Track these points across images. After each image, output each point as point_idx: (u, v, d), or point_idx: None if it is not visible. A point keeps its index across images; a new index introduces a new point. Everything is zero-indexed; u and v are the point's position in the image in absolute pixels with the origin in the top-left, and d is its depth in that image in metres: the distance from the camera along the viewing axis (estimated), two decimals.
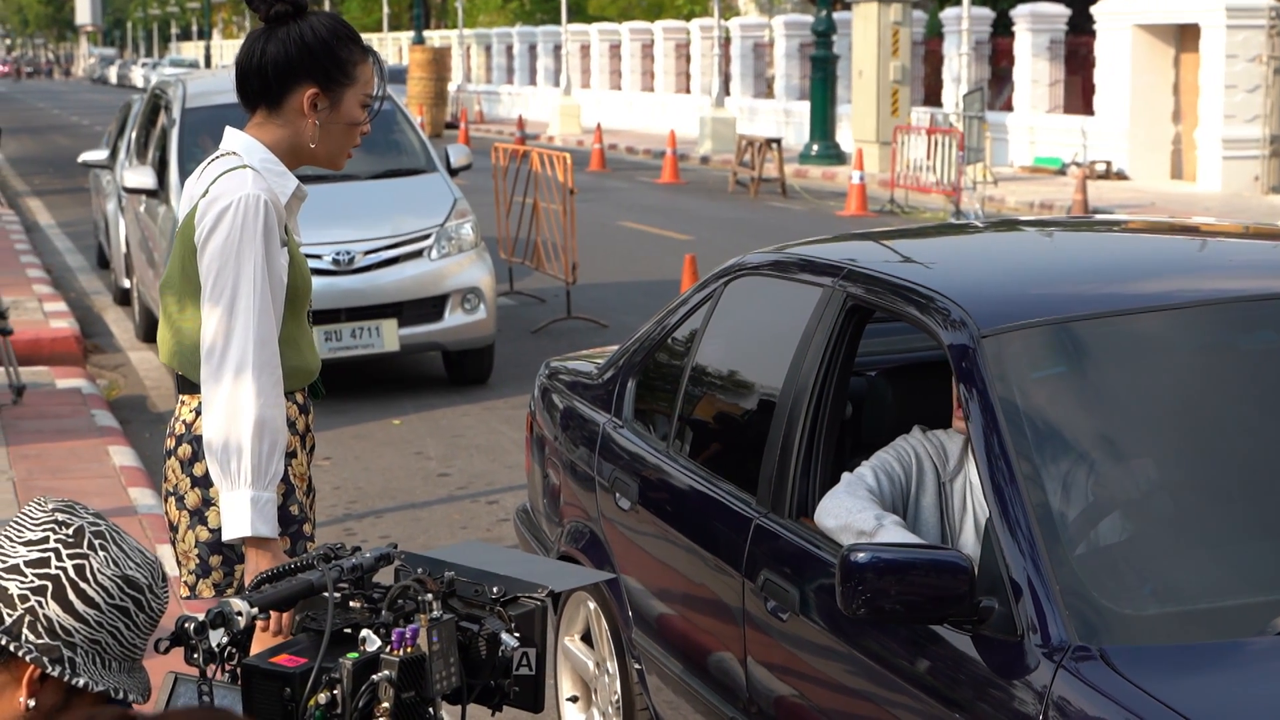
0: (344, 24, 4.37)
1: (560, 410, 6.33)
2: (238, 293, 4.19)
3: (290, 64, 4.29)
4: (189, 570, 4.39)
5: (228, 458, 4.17)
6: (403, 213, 12.84)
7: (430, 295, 12.63)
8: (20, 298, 15.76)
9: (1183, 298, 4.54)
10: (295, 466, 4.40)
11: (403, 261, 12.58)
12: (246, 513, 4.16)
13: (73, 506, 2.71)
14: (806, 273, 5.13)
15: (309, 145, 4.34)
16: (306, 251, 11.31)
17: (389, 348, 12.42)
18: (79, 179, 25.62)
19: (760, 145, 29.45)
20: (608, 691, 5.74)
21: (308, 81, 4.29)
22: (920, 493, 4.63)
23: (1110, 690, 3.56)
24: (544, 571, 3.16)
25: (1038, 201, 26.21)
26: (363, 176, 13.12)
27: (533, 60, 57.58)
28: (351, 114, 4.34)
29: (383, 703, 2.83)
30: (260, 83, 4.33)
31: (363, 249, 12.42)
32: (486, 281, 12.88)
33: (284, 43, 4.29)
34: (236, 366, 4.17)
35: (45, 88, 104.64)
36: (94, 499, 9.06)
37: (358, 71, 4.34)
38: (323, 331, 11.99)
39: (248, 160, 4.29)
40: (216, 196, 4.24)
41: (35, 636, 2.62)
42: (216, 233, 4.21)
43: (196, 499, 4.36)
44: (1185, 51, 28.76)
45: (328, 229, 12.29)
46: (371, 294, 12.37)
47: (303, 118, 4.32)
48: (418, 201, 13.06)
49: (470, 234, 12.96)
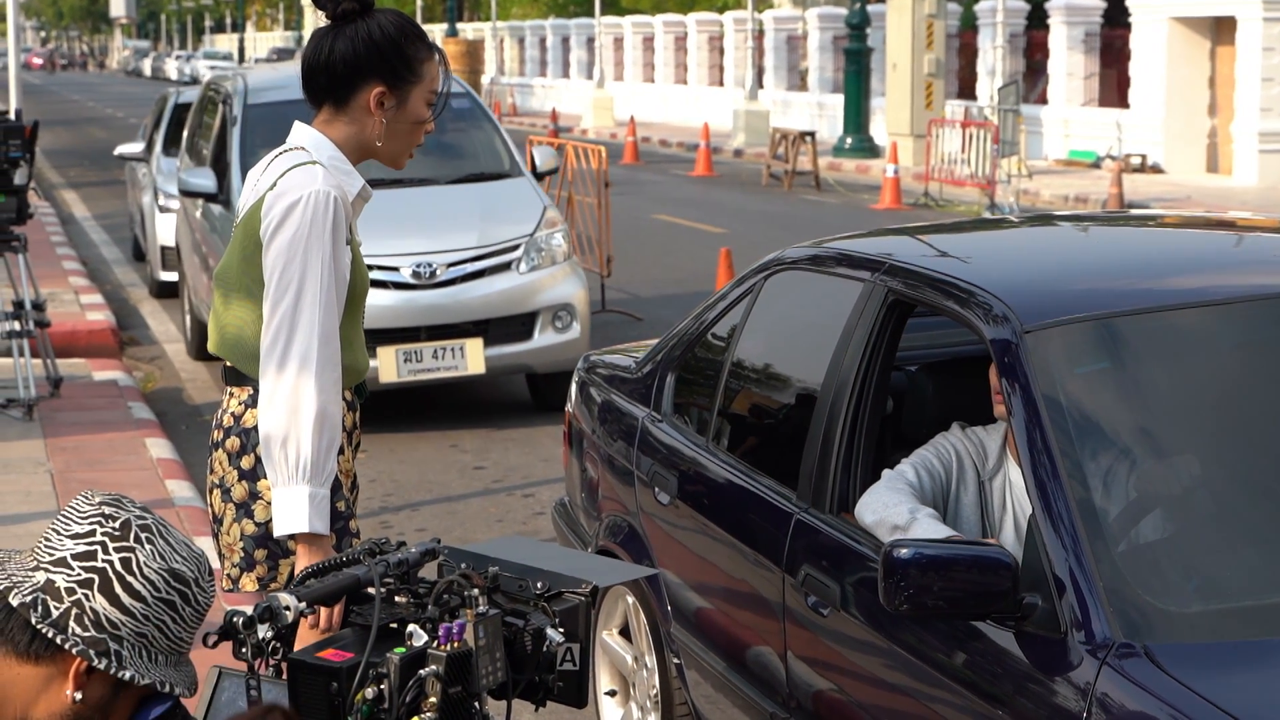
0: (410, 22, 4.36)
1: (598, 404, 6.33)
2: (304, 288, 4.18)
3: (358, 61, 4.28)
4: (232, 563, 4.40)
5: (286, 452, 4.16)
6: (489, 221, 11.77)
7: (519, 312, 11.53)
8: (57, 290, 15.81)
9: (1224, 293, 4.52)
10: (342, 463, 4.40)
11: (489, 275, 11.49)
12: (304, 508, 4.16)
13: (120, 500, 2.72)
14: (846, 267, 5.12)
15: (374, 143, 4.35)
16: (383, 263, 10.92)
17: (474, 370, 11.36)
18: (114, 171, 25.68)
19: (794, 138, 29.42)
20: (646, 686, 5.74)
21: (375, 79, 4.29)
22: (961, 490, 4.62)
23: (1155, 687, 3.55)
24: (587, 567, 3.16)
25: (1072, 195, 26.13)
26: (442, 181, 12.27)
27: (566, 53, 57.61)
28: (417, 112, 4.35)
29: (430, 697, 2.83)
30: (328, 80, 4.33)
31: (446, 261, 11.35)
32: (580, 297, 11.83)
33: (352, 40, 4.29)
34: (300, 361, 4.16)
35: (80, 80, 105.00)
36: (131, 491, 9.06)
37: (424, 69, 4.33)
38: (401, 352, 11.13)
39: (316, 156, 4.29)
40: (285, 190, 4.23)
41: (82, 629, 2.63)
42: (285, 227, 4.21)
43: (243, 492, 4.36)
44: (1221, 44, 28.64)
45: (406, 238, 11.36)
46: (455, 311, 11.30)
47: (369, 115, 4.32)
48: (504, 209, 12.00)
49: (562, 244, 11.92)
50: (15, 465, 9.90)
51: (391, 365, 11.13)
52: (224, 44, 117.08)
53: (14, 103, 17.73)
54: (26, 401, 11.02)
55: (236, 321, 4.36)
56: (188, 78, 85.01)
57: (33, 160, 11.25)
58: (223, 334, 4.41)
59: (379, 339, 10.88)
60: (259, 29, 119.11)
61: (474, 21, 72.17)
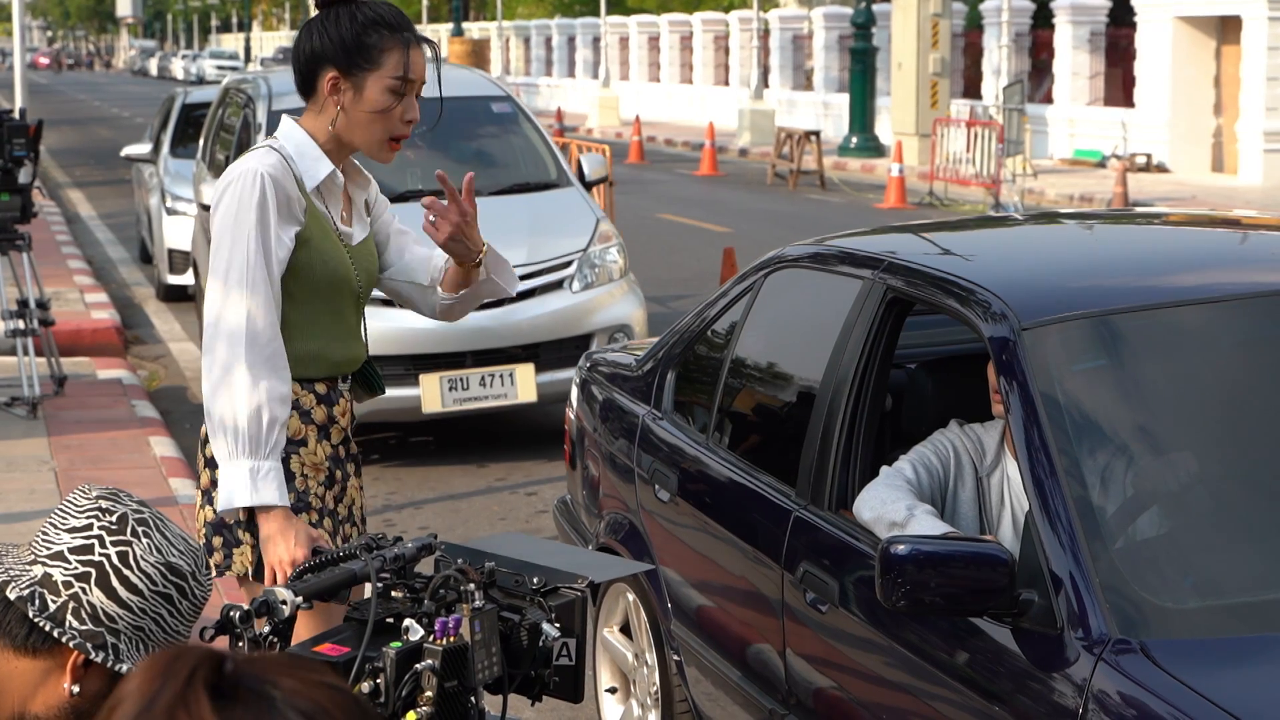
0: (389, 12, 4.34)
1: (600, 402, 6.34)
2: (231, 265, 4.22)
3: (315, 50, 4.32)
4: None
5: (225, 429, 4.18)
6: (538, 235, 10.80)
7: (573, 335, 10.58)
8: (61, 289, 15.84)
9: (1223, 291, 4.52)
10: (305, 455, 4.40)
11: (540, 294, 10.55)
12: (245, 482, 4.17)
13: (117, 494, 2.73)
14: (846, 265, 5.13)
15: (346, 132, 4.34)
16: None
17: (525, 398, 10.39)
18: (120, 170, 25.73)
19: (799, 137, 29.43)
20: (646, 683, 5.75)
21: (328, 65, 4.30)
22: (959, 487, 4.63)
23: (1151, 683, 3.56)
24: (583, 562, 3.17)
25: (1077, 194, 26.14)
26: (485, 192, 10.84)
27: (571, 52, 57.64)
28: (376, 100, 4.31)
29: (426, 691, 2.84)
30: (296, 70, 4.39)
31: None
32: (638, 317, 10.93)
33: (320, 29, 4.32)
34: (229, 338, 4.19)
35: (86, 80, 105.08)
36: (134, 489, 9.00)
37: (383, 57, 4.29)
38: (445, 380, 10.25)
39: (281, 144, 4.32)
40: (228, 173, 4.30)
41: (79, 623, 2.64)
42: (219, 208, 4.26)
43: (207, 479, 4.40)
44: (1227, 44, 28.64)
45: None
46: (504, 334, 10.29)
47: (330, 103, 4.33)
48: (554, 222, 11.08)
49: (618, 260, 11.02)
50: (19, 463, 9.92)
51: (435, 394, 10.27)
52: (230, 43, 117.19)
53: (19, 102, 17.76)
54: (31, 400, 11.04)
55: None
56: (194, 77, 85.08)
57: (37, 159, 11.27)
58: None
59: (420, 365, 10.25)
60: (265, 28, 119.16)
61: (480, 21, 72.20)
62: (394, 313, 9.48)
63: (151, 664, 1.51)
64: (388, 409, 9.99)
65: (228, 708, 1.47)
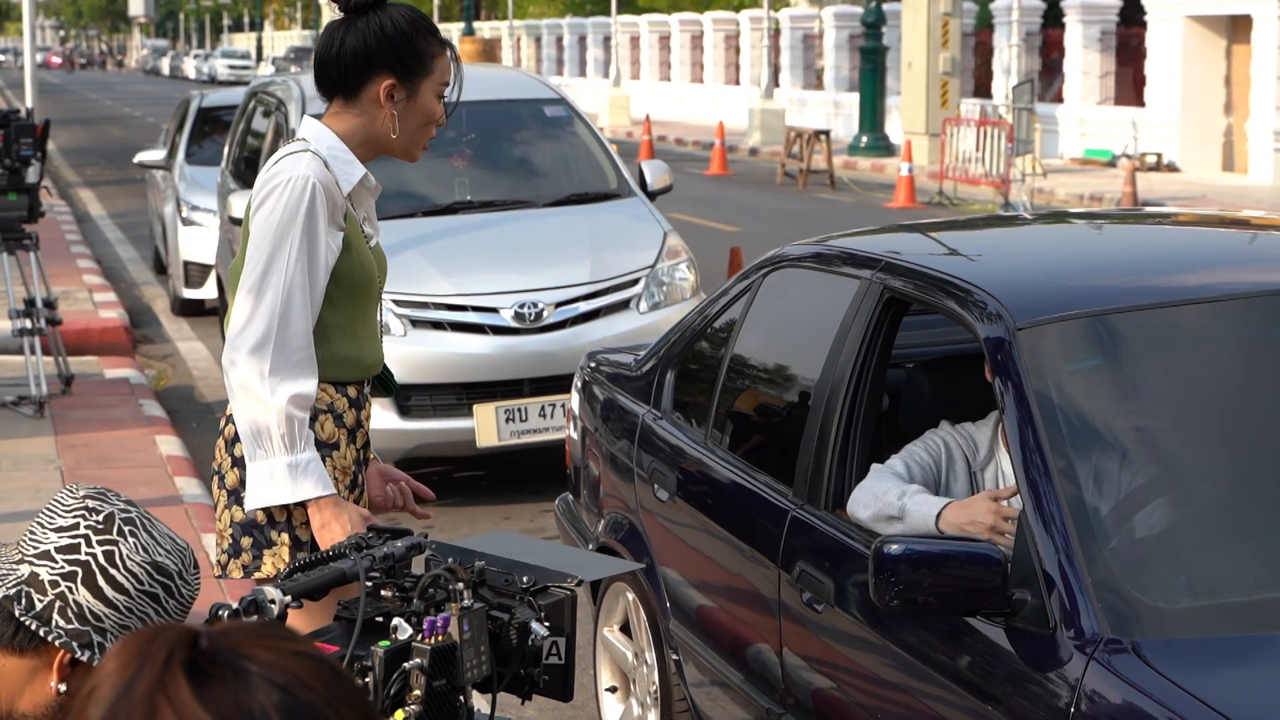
0: (423, 16, 4.41)
1: (601, 402, 6.35)
2: (271, 268, 4.22)
3: (369, 54, 4.33)
4: (221, 549, 4.42)
5: (258, 435, 4.20)
6: (601, 251, 9.89)
7: None
8: (70, 288, 15.87)
9: (1220, 290, 4.53)
10: (337, 458, 4.41)
11: (605, 315, 9.65)
12: (285, 478, 4.19)
13: (104, 493, 2.74)
14: (845, 265, 5.14)
15: (388, 136, 4.38)
16: (478, 303, 9.40)
17: None
18: (131, 170, 25.70)
19: (809, 137, 29.42)
20: (646, 682, 5.76)
21: (385, 72, 4.33)
22: (952, 481, 4.64)
23: (1142, 683, 3.56)
24: (573, 561, 3.17)
25: (1087, 194, 26.12)
26: (540, 203, 10.47)
27: (582, 52, 57.65)
28: (428, 105, 4.37)
29: (414, 690, 2.85)
30: (338, 72, 4.37)
31: (554, 300, 9.48)
32: None
33: (363, 33, 4.33)
34: (256, 345, 4.20)
35: (98, 79, 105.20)
36: (140, 488, 9.13)
37: (435, 64, 4.37)
38: (502, 410, 9.31)
39: (315, 146, 4.33)
40: (271, 175, 4.28)
41: (65, 622, 2.65)
42: (262, 209, 4.25)
43: (235, 479, 4.37)
44: (1237, 43, 28.61)
45: (503, 273, 9.62)
46: (566, 359, 9.10)
47: (379, 108, 4.36)
48: (618, 235, 10.16)
49: (688, 277, 10.12)
50: (26, 462, 9.94)
51: (491, 426, 9.35)
52: (242, 43, 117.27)
53: (29, 101, 17.80)
54: (38, 399, 11.06)
55: None
56: (206, 76, 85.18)
57: (44, 159, 11.29)
58: None
59: (474, 394, 9.36)
60: (277, 28, 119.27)
61: (491, 20, 72.24)
62: (444, 336, 9.36)
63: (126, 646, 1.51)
64: (439, 443, 9.45)
65: (206, 686, 1.47)
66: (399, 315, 9.43)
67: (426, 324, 9.48)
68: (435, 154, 10.48)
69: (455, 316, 9.49)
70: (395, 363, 8.73)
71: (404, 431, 9.38)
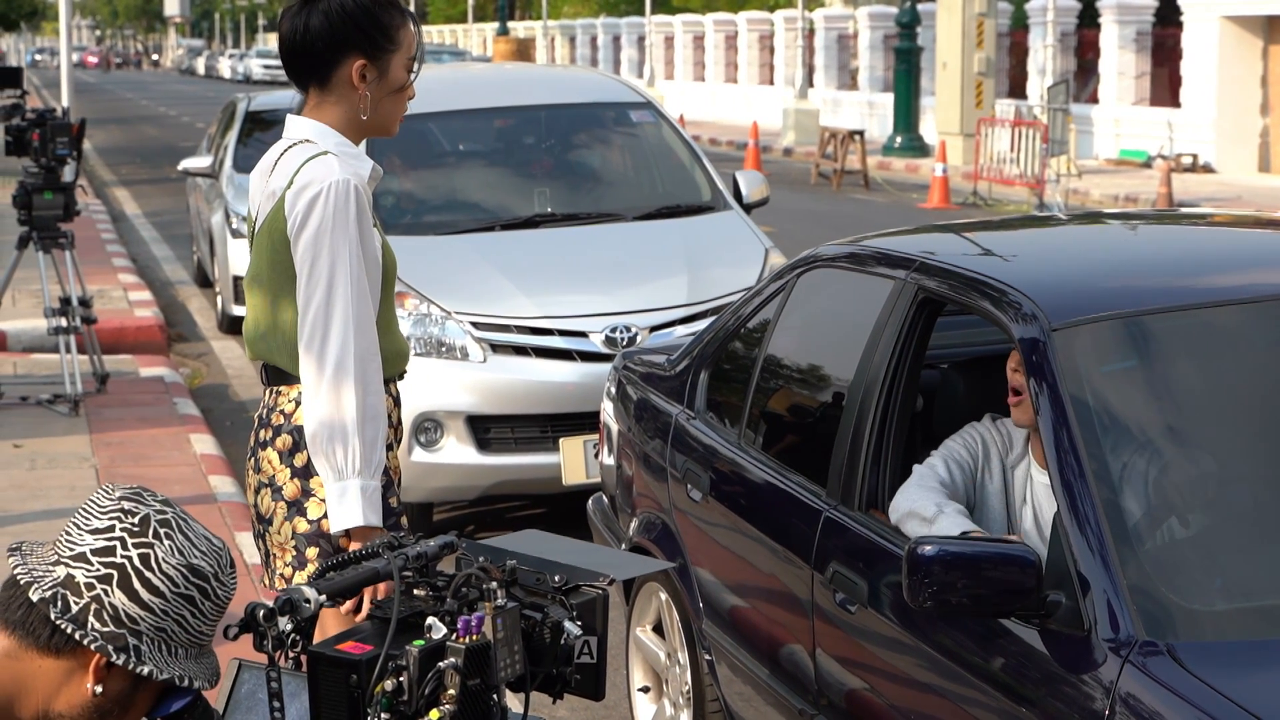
0: None
1: (634, 401, 6.35)
2: (335, 280, 4.17)
3: (335, 36, 4.24)
4: (285, 562, 4.35)
5: (333, 448, 4.14)
6: (699, 269, 9.07)
7: None
8: (105, 287, 15.91)
9: (1255, 291, 4.50)
10: (391, 459, 4.38)
11: None
12: (357, 502, 4.14)
13: (140, 494, 2.74)
14: (879, 265, 5.13)
15: (360, 118, 4.31)
16: (565, 327, 8.51)
17: None
18: (166, 169, 25.80)
19: (843, 137, 29.38)
20: (679, 682, 5.76)
21: (355, 53, 4.25)
22: (986, 478, 4.64)
23: (1177, 686, 3.54)
24: (605, 560, 3.17)
25: (1122, 194, 26.03)
26: (628, 216, 9.67)
27: (617, 51, 57.65)
28: (398, 79, 4.31)
29: (448, 689, 2.84)
30: (309, 60, 4.30)
31: (648, 323, 8.63)
32: None
33: (326, 15, 4.24)
34: (338, 355, 4.15)
35: (134, 79, 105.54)
36: (175, 487, 9.15)
37: (400, 35, 4.29)
38: (591, 444, 8.38)
39: (325, 145, 4.28)
40: (305, 185, 4.21)
41: (101, 625, 2.65)
42: (309, 221, 4.19)
43: (296, 490, 4.32)
44: (1274, 43, 28.49)
45: (593, 294, 8.85)
46: None
47: (353, 90, 4.28)
48: (716, 252, 9.34)
49: None
50: (61, 460, 9.97)
51: (579, 461, 8.47)
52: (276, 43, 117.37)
53: (65, 100, 17.87)
54: (73, 397, 11.10)
55: (281, 322, 4.33)
56: (241, 76, 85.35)
57: (80, 158, 11.33)
58: (266, 337, 4.37)
59: (560, 426, 8.55)
60: None
61: (525, 20, 72.29)
62: (528, 363, 8.56)
63: None
64: (521, 479, 8.64)
65: None
66: (478, 339, 8.59)
67: (508, 349, 8.60)
68: (512, 162, 10.04)
69: (540, 341, 8.60)
70: (474, 391, 8.49)
71: (483, 467, 8.54)
